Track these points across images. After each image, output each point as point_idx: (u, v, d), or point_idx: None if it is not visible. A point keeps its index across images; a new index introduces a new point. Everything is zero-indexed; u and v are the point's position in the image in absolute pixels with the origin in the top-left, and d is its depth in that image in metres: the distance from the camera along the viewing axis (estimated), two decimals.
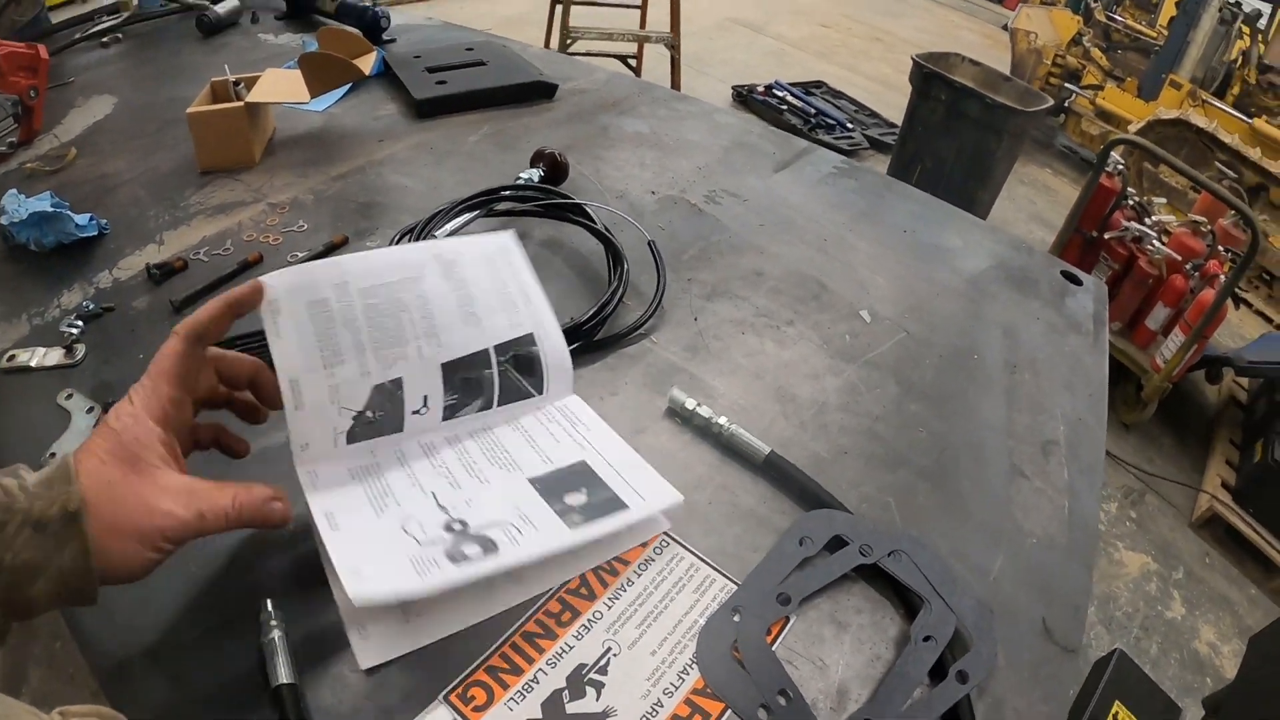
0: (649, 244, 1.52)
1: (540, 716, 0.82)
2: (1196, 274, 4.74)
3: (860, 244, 1.79)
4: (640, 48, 6.94)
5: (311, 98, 1.84)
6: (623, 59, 7.04)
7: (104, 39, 2.44)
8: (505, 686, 0.84)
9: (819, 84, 9.19)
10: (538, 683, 0.85)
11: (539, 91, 2.25)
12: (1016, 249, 1.98)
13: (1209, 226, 4.93)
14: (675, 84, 6.87)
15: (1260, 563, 4.30)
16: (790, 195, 1.94)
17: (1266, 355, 4.96)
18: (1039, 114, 5.22)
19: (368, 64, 2.03)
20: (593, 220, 1.51)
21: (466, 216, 1.49)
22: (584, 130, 2.11)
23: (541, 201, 1.57)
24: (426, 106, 2.08)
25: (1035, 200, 7.93)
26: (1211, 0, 7.91)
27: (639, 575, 0.97)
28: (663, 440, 1.17)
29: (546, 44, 6.99)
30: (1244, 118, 7.72)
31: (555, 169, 1.74)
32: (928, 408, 1.35)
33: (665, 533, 1.02)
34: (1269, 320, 6.72)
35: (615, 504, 0.99)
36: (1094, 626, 3.54)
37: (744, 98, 8.32)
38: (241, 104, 1.72)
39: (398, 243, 1.42)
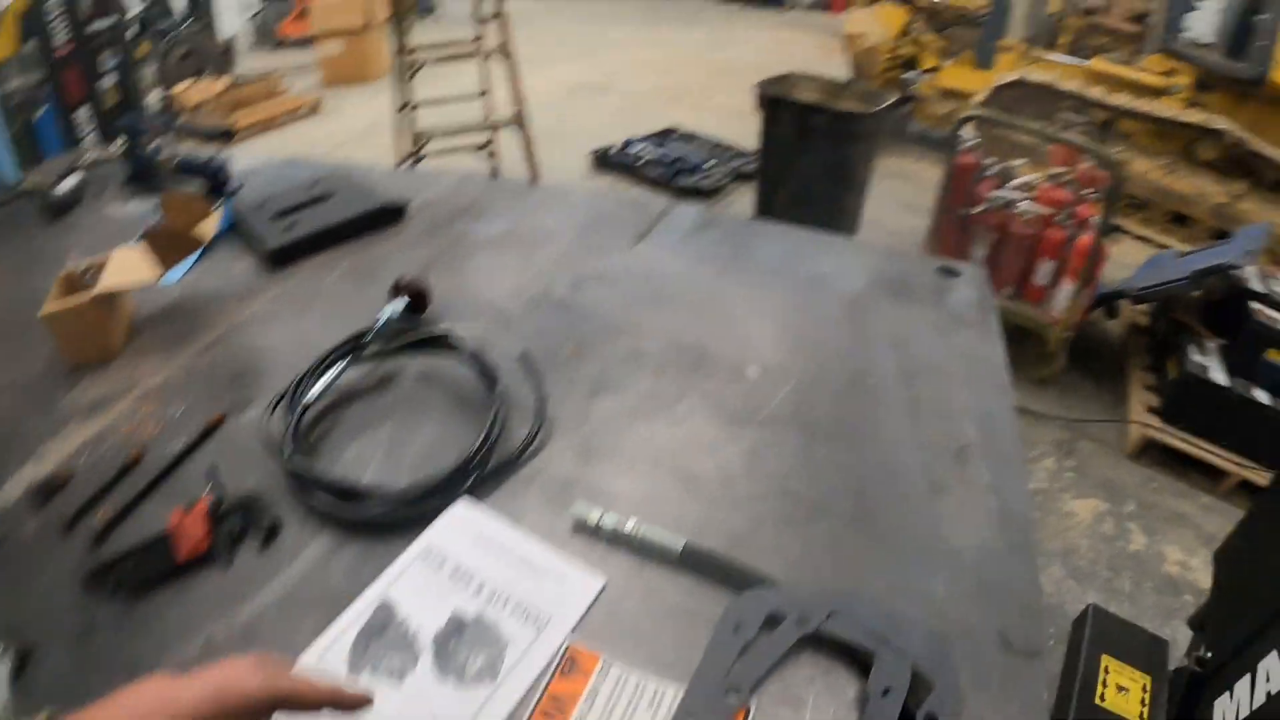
0: (521, 357, 1.49)
1: None
2: (1070, 221, 4.85)
3: (734, 296, 1.77)
4: (493, 138, 6.88)
5: (161, 276, 1.79)
6: (481, 148, 6.99)
7: None
8: None
9: (670, 130, 9.30)
10: None
11: (388, 216, 2.22)
12: (889, 258, 2.00)
13: (1070, 174, 5.06)
14: (531, 163, 6.88)
15: (1203, 471, 4.41)
16: (655, 264, 1.92)
17: (1155, 277, 5.08)
18: (883, 112, 5.30)
19: (209, 229, 2.00)
20: (457, 347, 1.49)
21: (334, 371, 1.46)
22: (441, 244, 2.08)
23: (404, 340, 1.54)
24: (279, 255, 2.03)
25: (901, 190, 8.06)
26: None
27: (589, 708, 0.93)
28: (577, 556, 1.12)
29: (396, 152, 6.98)
30: (1080, 61, 8.00)
31: (417, 297, 1.70)
32: (834, 448, 1.33)
33: (602, 657, 0.99)
34: (1150, 242, 6.91)
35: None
36: (1064, 582, 3.54)
37: (603, 160, 8.37)
38: (88, 299, 1.65)
39: (272, 411, 1.40)
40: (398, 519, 1.18)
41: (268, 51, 16.76)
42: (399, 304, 1.65)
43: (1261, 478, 4.21)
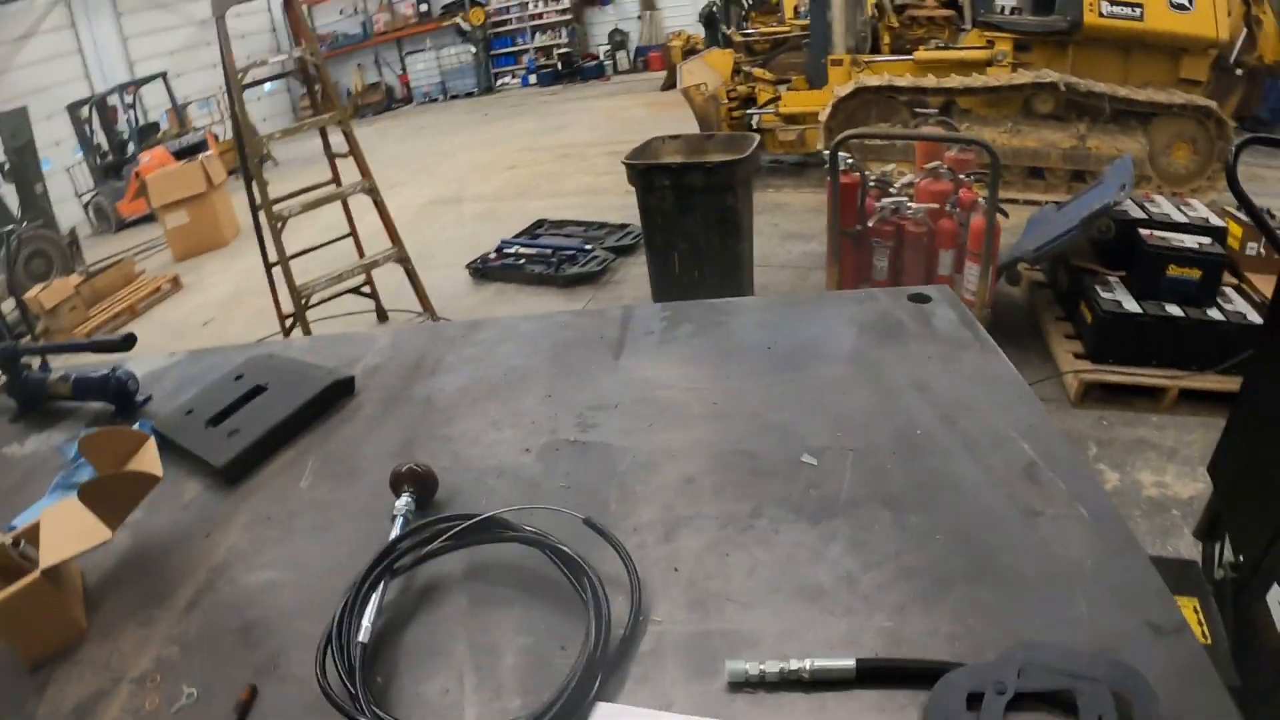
0: (586, 522, 1.31)
1: None
2: (957, 209, 4.96)
3: (744, 390, 1.70)
4: (369, 275, 6.83)
5: (114, 531, 1.46)
6: (356, 291, 6.96)
7: None
8: None
9: (539, 224, 9.34)
10: None
11: (339, 392, 1.98)
12: (857, 302, 1.98)
13: (941, 164, 5.17)
14: (420, 295, 6.82)
15: (1144, 395, 4.71)
16: (647, 377, 1.82)
17: (1044, 235, 5.27)
18: (754, 153, 5.35)
19: (154, 461, 1.60)
20: (518, 529, 1.31)
21: (376, 598, 1.25)
22: (409, 414, 1.88)
23: (450, 534, 1.33)
24: (233, 470, 1.74)
25: (776, 221, 8.23)
26: None
27: None
28: (750, 714, 1.02)
29: (278, 310, 6.82)
30: (904, 58, 8.31)
31: (423, 484, 1.51)
32: (923, 511, 1.28)
33: None
34: (1014, 203, 7.18)
35: None
36: None
37: (481, 270, 8.33)
38: (37, 574, 1.37)
39: (323, 664, 1.16)
40: None
41: (110, 236, 16.45)
42: (407, 500, 1.46)
43: (1198, 382, 4.54)
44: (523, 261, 8.13)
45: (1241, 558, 2.14)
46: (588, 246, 8.12)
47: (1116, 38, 7.83)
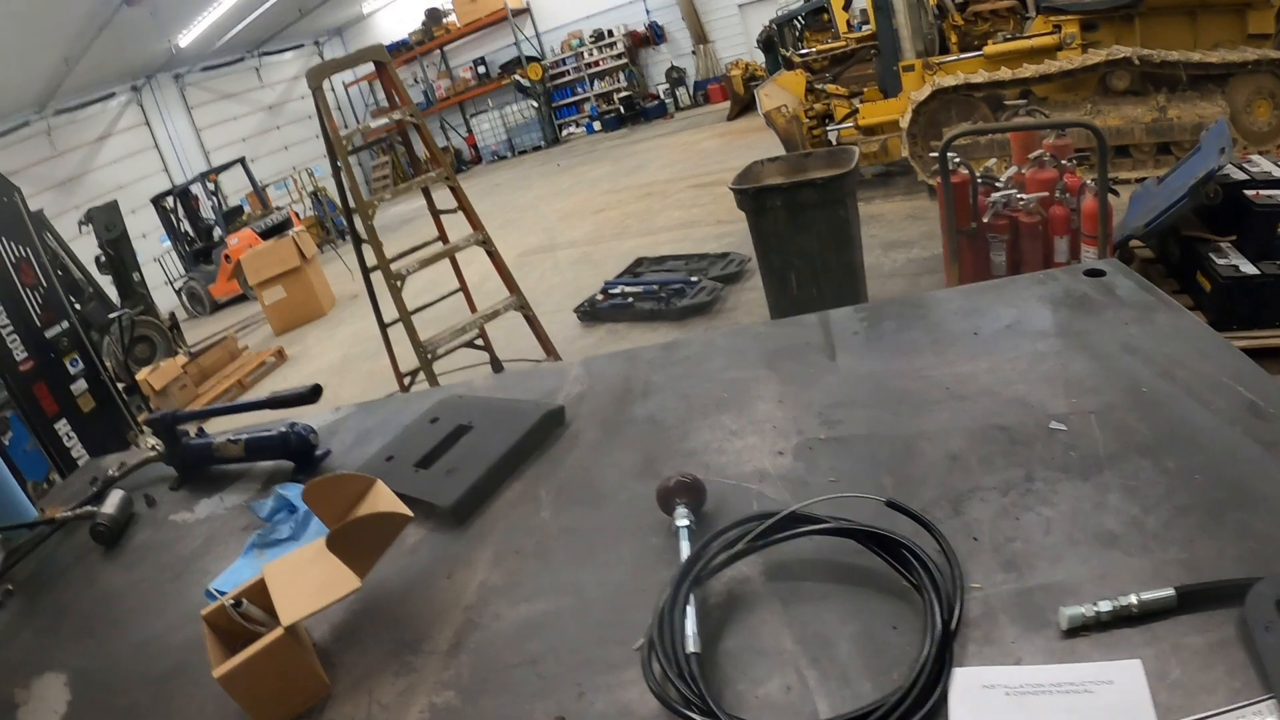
0: (888, 504, 1.36)
1: None
2: (1066, 194, 5.01)
3: (969, 370, 1.77)
4: (482, 329, 6.86)
5: (363, 577, 1.46)
6: (470, 344, 6.97)
7: None
8: None
9: (639, 261, 9.46)
10: None
11: (551, 423, 1.96)
12: (1040, 283, 2.05)
13: (1044, 154, 5.23)
14: (541, 339, 6.88)
15: (1271, 356, 4.59)
16: (869, 370, 1.88)
17: (1149, 211, 5.24)
18: (857, 166, 5.44)
19: (393, 499, 1.54)
20: (825, 520, 1.34)
21: (692, 606, 1.26)
22: (639, 434, 1.87)
23: (753, 535, 1.34)
24: (462, 509, 1.73)
25: (874, 232, 8.27)
26: None
27: None
28: (1093, 655, 1.09)
29: (396, 369, 6.94)
30: (974, 54, 8.34)
31: (696, 494, 1.50)
32: (1176, 457, 1.37)
33: None
34: (1127, 182, 7.16)
35: None
36: None
37: (590, 313, 8.47)
38: (280, 631, 1.33)
39: (655, 675, 1.18)
40: None
41: (205, 318, 17.00)
42: (686, 512, 1.46)
43: None
44: (631, 300, 8.27)
45: None
46: (693, 278, 8.20)
47: (1180, 3, 7.82)
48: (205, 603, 1.62)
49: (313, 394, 2.30)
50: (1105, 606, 1.11)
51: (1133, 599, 1.10)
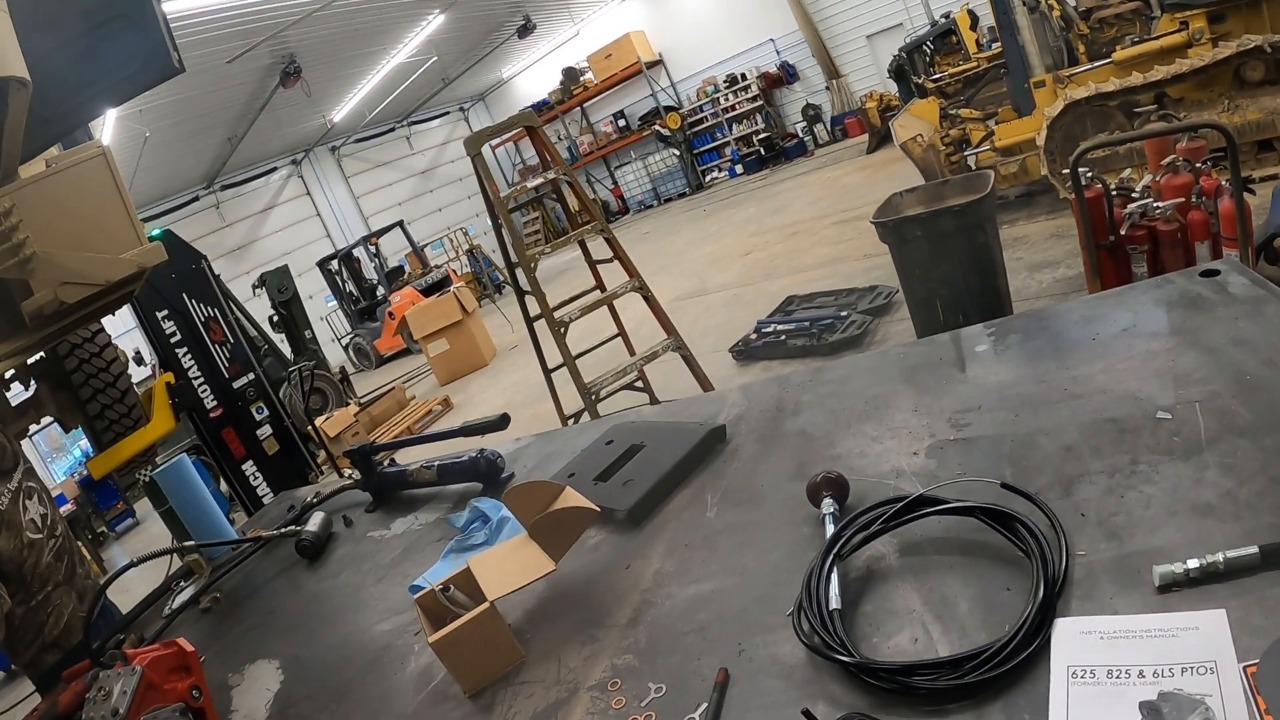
0: (1003, 485, 1.55)
1: None
2: (1203, 199, 4.96)
3: (1086, 373, 1.88)
4: (641, 370, 6.98)
5: (556, 562, 1.73)
6: (629, 386, 7.09)
7: (202, 604, 2.29)
8: None
9: (789, 300, 9.57)
10: None
11: (715, 440, 2.18)
12: (1157, 287, 2.14)
13: (1176, 159, 5.19)
14: (699, 378, 7.00)
15: None
16: (996, 378, 2.02)
17: None
18: (994, 190, 5.49)
19: (581, 498, 1.80)
20: (948, 500, 1.54)
21: (836, 575, 1.46)
22: (792, 445, 2.07)
23: (887, 516, 1.54)
24: (638, 511, 1.97)
25: (1020, 255, 8.18)
26: (1012, 3, 8.44)
27: None
28: (1184, 608, 1.21)
29: (560, 412, 7.22)
30: (1103, 62, 8.22)
31: (840, 487, 1.70)
32: (1276, 435, 1.47)
33: None
34: (1250, 180, 6.94)
35: None
36: None
37: (745, 352, 8.62)
38: (489, 603, 1.60)
39: (802, 627, 1.40)
40: (1007, 665, 1.20)
41: (371, 372, 17.75)
42: (831, 502, 1.66)
43: None
44: (783, 337, 8.40)
45: None
46: (843, 313, 8.29)
47: None
48: (407, 600, 1.98)
49: (502, 421, 2.54)
50: (1194, 564, 1.25)
51: (1219, 557, 1.24)
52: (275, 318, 14.15)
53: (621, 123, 29.64)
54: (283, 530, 2.51)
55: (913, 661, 1.26)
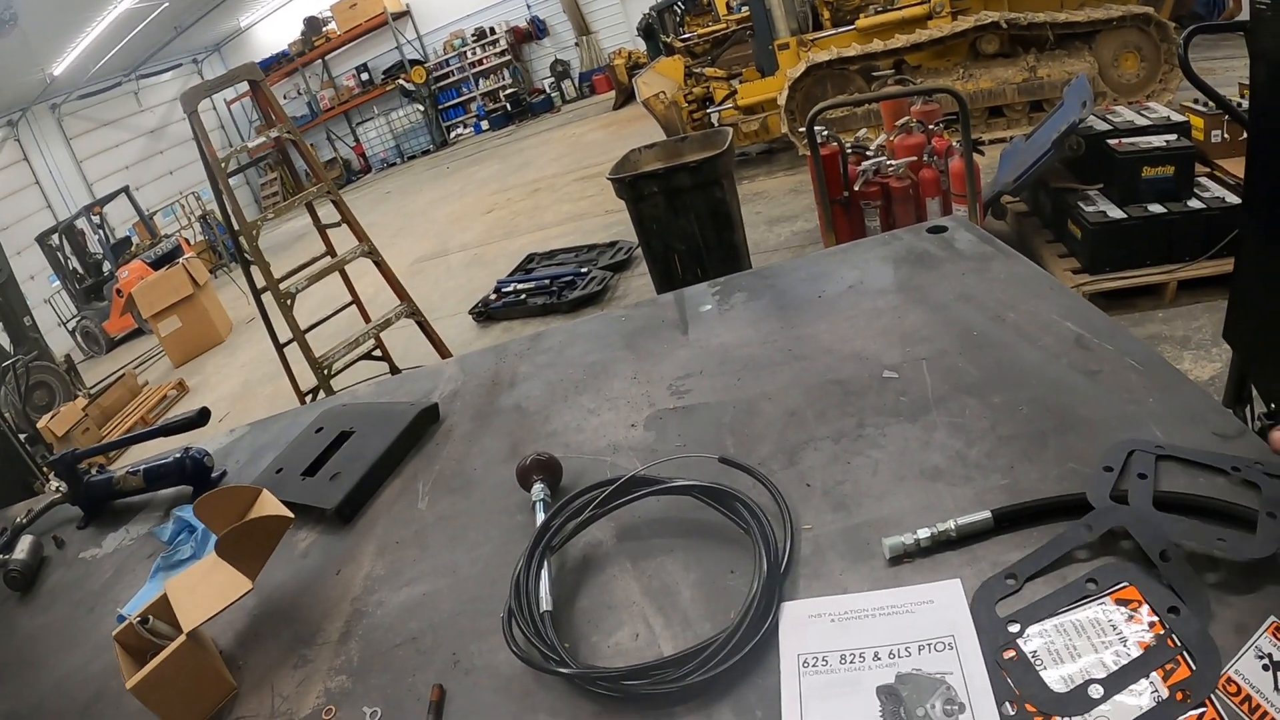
0: (721, 460, 1.47)
1: None
2: (934, 158, 5.15)
3: (811, 332, 1.84)
4: (378, 337, 6.70)
5: (253, 581, 1.53)
6: (368, 355, 6.84)
7: None
8: None
9: (530, 258, 9.47)
10: None
11: (427, 420, 2.06)
12: (885, 243, 2.13)
13: (910, 120, 5.36)
14: (435, 344, 6.82)
15: (1145, 294, 4.89)
16: (718, 341, 1.95)
17: (1017, 167, 5.43)
18: (732, 146, 5.49)
19: (277, 504, 1.64)
20: (662, 480, 1.43)
21: (545, 570, 1.35)
22: (506, 423, 1.96)
23: (598, 501, 1.43)
24: (346, 509, 1.81)
25: (758, 209, 8.38)
26: None
27: None
28: (916, 579, 1.16)
29: (296, 388, 6.84)
30: (846, 29, 8.51)
31: (550, 470, 1.60)
32: (1002, 392, 1.45)
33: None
34: (979, 143, 7.36)
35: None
36: None
37: (485, 313, 8.45)
38: (183, 638, 1.41)
39: (511, 633, 1.27)
40: (732, 659, 1.12)
41: (102, 357, 16.50)
42: (542, 487, 1.56)
43: (1193, 271, 4.69)
44: (523, 297, 8.27)
45: (1272, 405, 2.31)
46: (584, 270, 8.27)
47: None
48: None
49: (200, 417, 2.34)
50: (924, 534, 1.19)
51: (950, 524, 1.18)
52: None
53: (365, 77, 28.47)
54: None
55: (633, 665, 1.16)
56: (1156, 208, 4.83)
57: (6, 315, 12.35)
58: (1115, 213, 4.88)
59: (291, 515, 1.61)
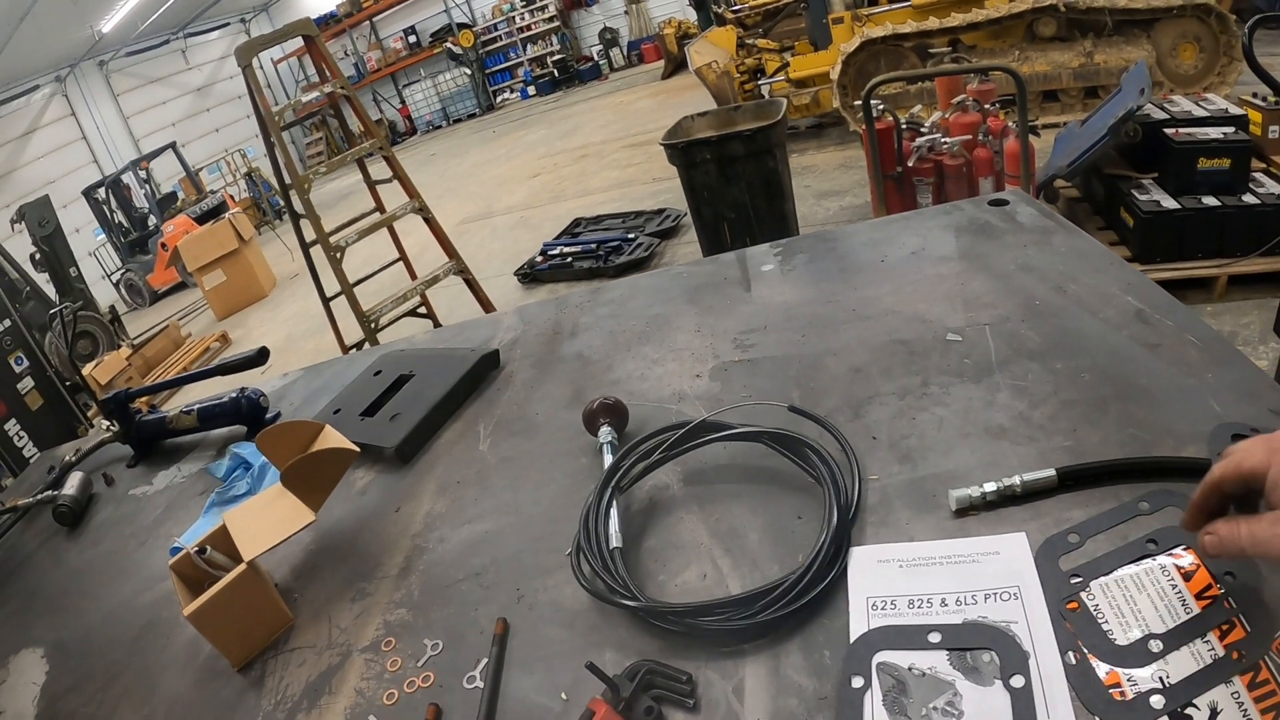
0: (790, 408, 1.48)
1: None
2: (989, 137, 5.13)
3: (875, 294, 1.86)
4: (424, 295, 6.80)
5: (317, 510, 1.55)
6: (413, 312, 6.92)
7: None
8: None
9: (576, 222, 9.49)
10: None
11: (487, 366, 2.07)
12: (946, 213, 2.14)
13: (966, 99, 5.34)
14: (482, 301, 6.89)
15: (1196, 286, 4.86)
16: (783, 299, 1.97)
17: (1071, 151, 5.38)
18: (785, 117, 5.50)
19: (341, 438, 1.64)
20: (732, 426, 1.45)
21: (615, 509, 1.37)
22: (568, 370, 1.98)
23: (668, 444, 1.45)
24: (406, 448, 1.82)
25: (808, 183, 8.36)
26: None
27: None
28: (982, 532, 1.18)
29: (341, 342, 6.92)
30: (902, 4, 8.44)
31: (618, 414, 1.60)
32: (1064, 359, 1.46)
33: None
34: (1055, 126, 7.28)
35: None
36: None
37: (530, 275, 8.49)
38: (244, 565, 1.41)
39: (580, 568, 1.29)
40: (803, 598, 1.13)
41: (145, 310, 16.68)
42: (609, 430, 1.57)
43: (1245, 267, 4.65)
44: (569, 260, 8.31)
45: None
46: (630, 235, 8.29)
47: None
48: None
49: (260, 356, 2.35)
50: (990, 488, 1.21)
51: (1016, 480, 1.20)
52: (37, 255, 12.86)
53: (412, 39, 28.58)
54: (38, 497, 2.21)
55: (703, 602, 1.17)
56: (1211, 200, 4.80)
57: (53, 266, 12.53)
58: (1169, 203, 4.85)
59: (357, 449, 1.62)
